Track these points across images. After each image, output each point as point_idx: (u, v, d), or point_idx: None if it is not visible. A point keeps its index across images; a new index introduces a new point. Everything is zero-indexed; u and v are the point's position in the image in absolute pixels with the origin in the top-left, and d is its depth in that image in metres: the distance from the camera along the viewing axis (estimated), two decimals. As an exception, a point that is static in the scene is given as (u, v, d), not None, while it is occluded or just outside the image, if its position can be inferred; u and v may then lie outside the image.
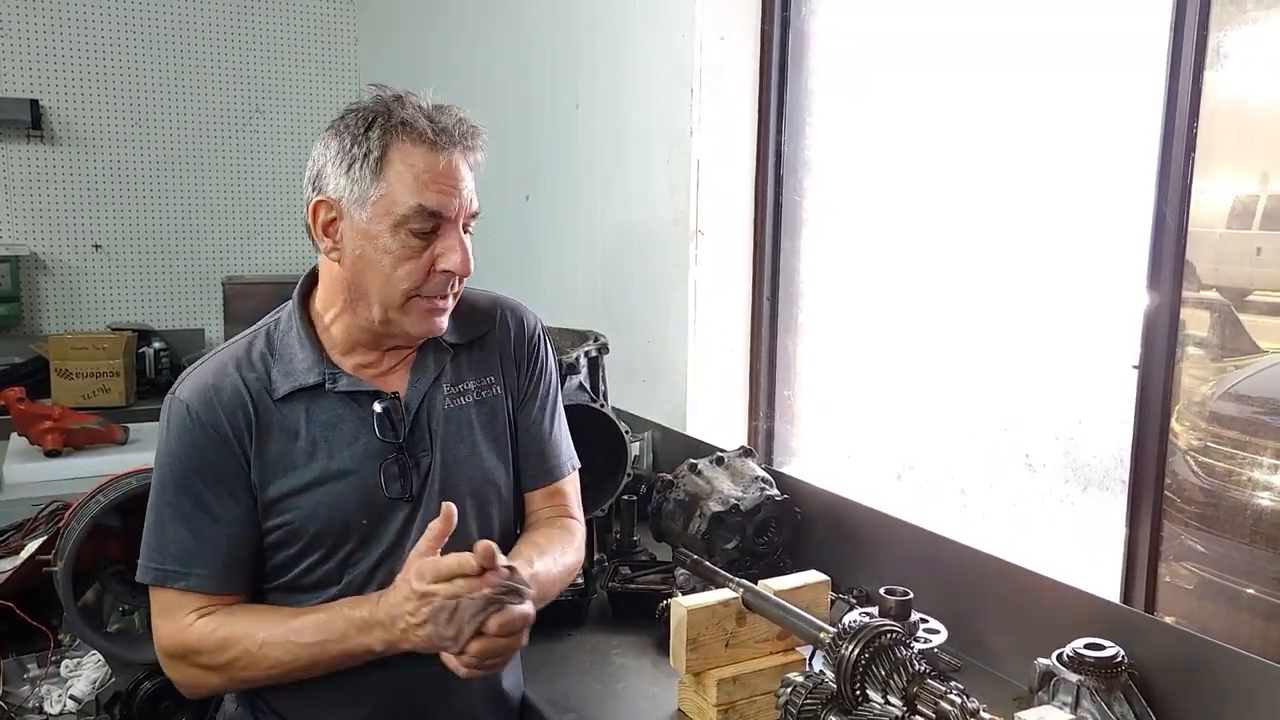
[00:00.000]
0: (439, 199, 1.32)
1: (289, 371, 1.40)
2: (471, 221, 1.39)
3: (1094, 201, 1.79)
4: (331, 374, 1.40)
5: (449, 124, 1.34)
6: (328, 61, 4.63)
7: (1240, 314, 1.58)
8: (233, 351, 1.42)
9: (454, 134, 1.34)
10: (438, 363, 1.47)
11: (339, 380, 1.40)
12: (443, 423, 1.45)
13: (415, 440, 1.42)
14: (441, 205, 1.33)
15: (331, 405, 1.40)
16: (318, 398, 1.40)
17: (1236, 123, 1.53)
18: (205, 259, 4.47)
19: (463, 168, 1.36)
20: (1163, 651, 1.42)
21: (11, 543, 1.94)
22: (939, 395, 2.11)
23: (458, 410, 1.47)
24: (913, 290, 2.18)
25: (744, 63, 2.50)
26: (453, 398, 1.47)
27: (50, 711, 1.72)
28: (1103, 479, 1.76)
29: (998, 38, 1.96)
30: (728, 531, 1.99)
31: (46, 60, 4.10)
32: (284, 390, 1.38)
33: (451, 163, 1.34)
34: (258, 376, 1.38)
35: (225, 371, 1.39)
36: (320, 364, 1.40)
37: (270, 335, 1.44)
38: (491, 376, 1.51)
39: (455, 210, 1.34)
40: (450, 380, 1.47)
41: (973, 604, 1.71)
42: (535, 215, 3.32)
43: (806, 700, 1.20)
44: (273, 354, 1.41)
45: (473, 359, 1.51)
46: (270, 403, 1.38)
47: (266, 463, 1.37)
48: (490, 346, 1.53)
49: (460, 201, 1.35)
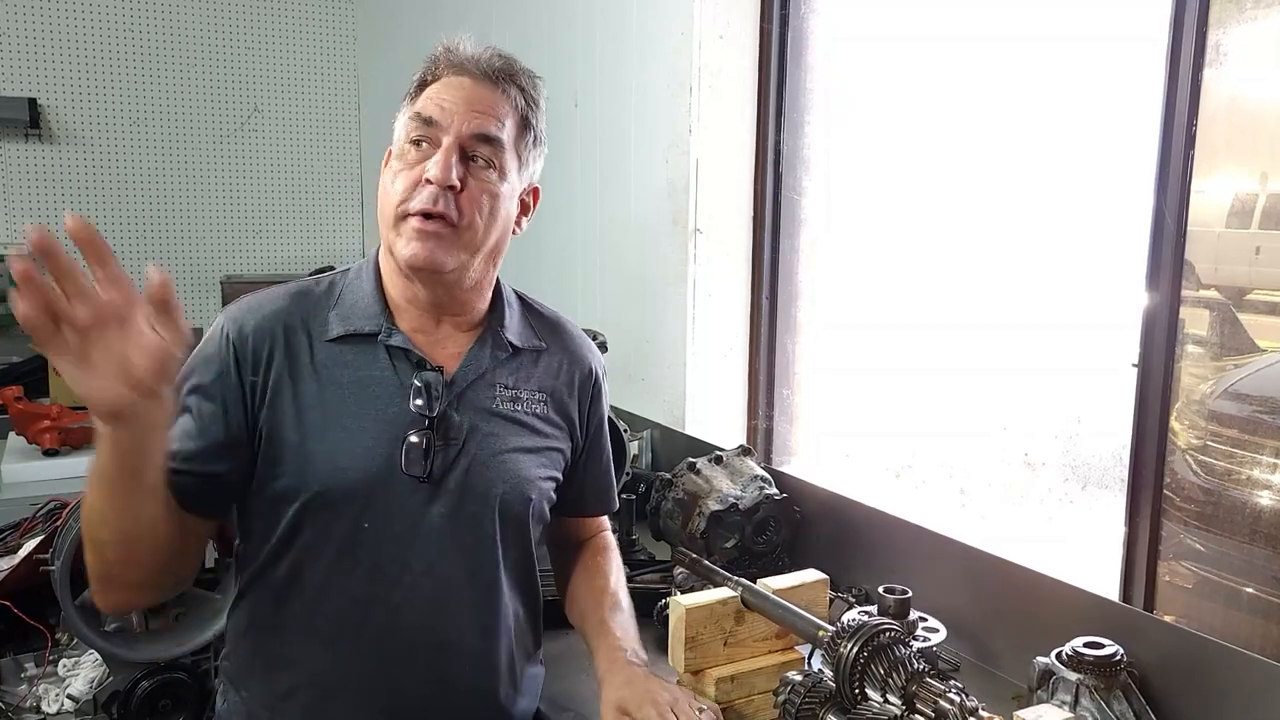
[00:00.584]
0: (436, 108, 1.32)
1: (346, 316, 1.37)
2: (482, 148, 1.33)
3: (1093, 199, 1.79)
4: (388, 328, 1.37)
5: (481, 55, 1.37)
6: (326, 61, 4.62)
7: (1239, 313, 1.58)
8: (297, 285, 1.42)
9: (479, 61, 1.36)
10: (495, 357, 1.43)
11: (393, 335, 1.37)
12: (485, 419, 1.40)
13: (447, 423, 1.37)
14: (436, 113, 1.32)
15: (376, 360, 1.36)
16: (366, 349, 1.36)
17: (1236, 121, 1.52)
18: (204, 258, 4.46)
19: (480, 91, 1.35)
20: (1162, 650, 1.42)
21: (9, 542, 1.94)
22: (938, 393, 2.11)
23: (507, 414, 1.43)
24: (912, 288, 2.18)
25: (743, 61, 2.49)
26: (504, 400, 1.43)
27: (48, 710, 1.72)
28: (1102, 477, 1.76)
29: (996, 36, 1.96)
30: (726, 530, 1.99)
31: (45, 59, 4.09)
32: (335, 333, 1.36)
33: (466, 82, 1.34)
34: (309, 314, 1.37)
35: (277, 301, 1.38)
36: (381, 316, 1.38)
37: (337, 282, 1.43)
38: (545, 393, 1.47)
39: (450, 121, 1.32)
40: (505, 381, 1.44)
41: (971, 602, 1.71)
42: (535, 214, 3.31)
43: (805, 699, 1.20)
44: (332, 299, 1.40)
45: (534, 371, 1.48)
46: (313, 343, 1.35)
47: (287, 401, 1.32)
48: (555, 367, 1.50)
49: (460, 116, 1.32)
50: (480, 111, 1.33)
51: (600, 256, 2.95)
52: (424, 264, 1.31)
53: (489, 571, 1.42)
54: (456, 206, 1.31)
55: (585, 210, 3.01)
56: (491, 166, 1.34)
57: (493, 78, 1.36)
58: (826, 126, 2.41)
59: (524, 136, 1.39)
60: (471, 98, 1.34)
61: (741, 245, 2.56)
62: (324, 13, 4.59)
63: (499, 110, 1.35)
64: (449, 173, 1.30)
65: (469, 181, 1.32)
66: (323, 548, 1.34)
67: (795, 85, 2.46)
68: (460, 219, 1.31)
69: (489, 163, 1.34)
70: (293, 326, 1.35)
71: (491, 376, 1.43)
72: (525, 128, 1.39)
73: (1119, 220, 1.70)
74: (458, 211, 1.31)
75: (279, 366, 1.33)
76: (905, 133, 2.18)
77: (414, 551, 1.36)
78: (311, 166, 4.52)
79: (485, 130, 1.33)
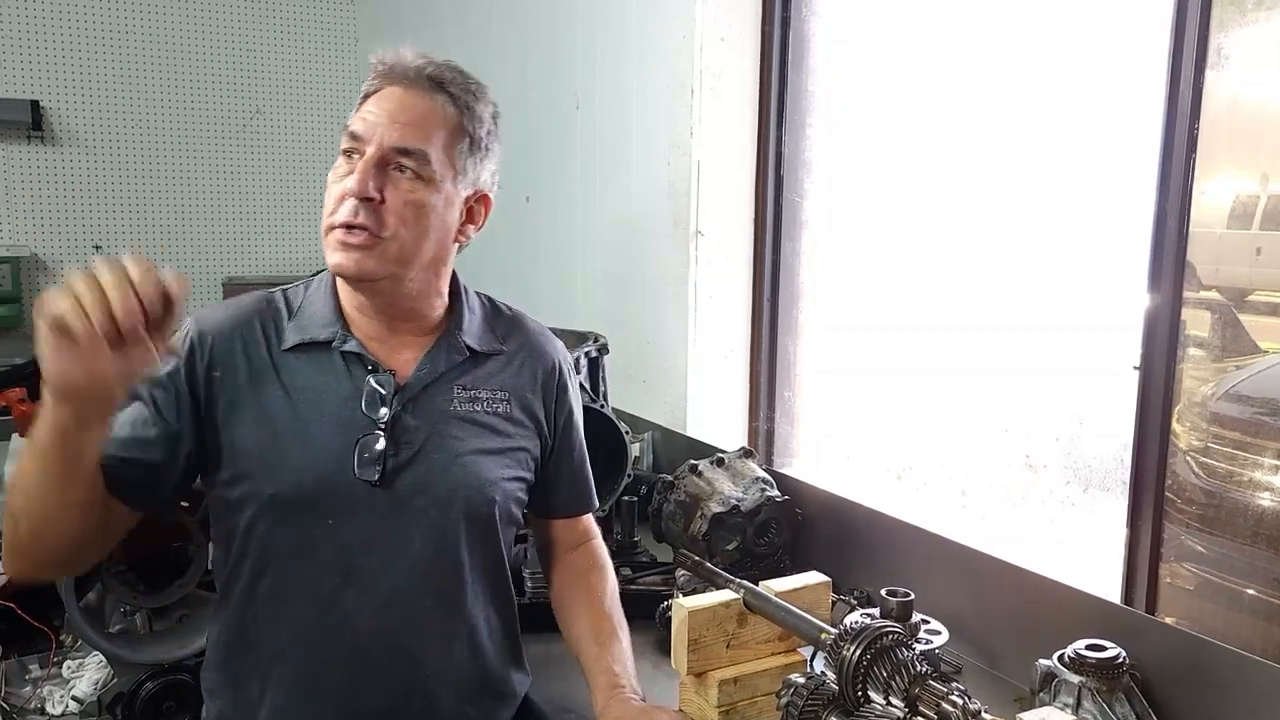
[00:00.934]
0: (362, 121, 1.33)
1: (303, 325, 1.40)
2: (405, 159, 1.32)
3: (1094, 202, 1.79)
4: (342, 335, 1.39)
5: (411, 61, 1.35)
6: (327, 62, 4.63)
7: (1240, 314, 1.58)
8: (264, 295, 1.44)
9: (409, 70, 1.34)
10: (449, 360, 1.43)
11: (348, 341, 1.38)
12: (439, 423, 1.41)
13: (402, 427, 1.38)
14: (361, 127, 1.32)
15: (331, 367, 1.38)
16: (321, 357, 1.38)
17: (1237, 123, 1.53)
18: (205, 260, 4.47)
19: (406, 101, 1.33)
20: (1164, 652, 1.42)
21: (13, 544, 1.93)
22: (939, 395, 2.11)
23: (466, 415, 1.43)
24: (913, 290, 2.18)
25: (744, 63, 2.50)
26: (462, 402, 1.43)
27: (52, 712, 1.72)
28: (1103, 480, 1.76)
29: (998, 39, 1.97)
30: (728, 532, 1.99)
31: (47, 61, 4.10)
32: (292, 341, 1.38)
33: (393, 93, 1.34)
34: (269, 324, 1.39)
35: (241, 309, 1.41)
36: (336, 323, 1.39)
37: (299, 292, 1.45)
38: (508, 393, 1.47)
39: (373, 134, 1.31)
40: (464, 384, 1.44)
41: (974, 605, 1.71)
42: (535, 216, 3.32)
43: (808, 701, 1.20)
44: (291, 309, 1.42)
45: (493, 370, 1.48)
46: (271, 351, 1.38)
47: (244, 406, 1.34)
48: (517, 366, 1.50)
49: (383, 128, 1.31)
50: (404, 123, 1.32)
51: (601, 258, 2.96)
52: (350, 274, 1.33)
53: (451, 578, 1.42)
54: (378, 218, 1.31)
55: (586, 212, 3.01)
56: (418, 177, 1.33)
57: (423, 86, 1.35)
58: (828, 129, 2.41)
59: (457, 144, 1.37)
60: (396, 109, 1.33)
61: (743, 247, 2.57)
62: (325, 14, 4.59)
63: (426, 120, 1.34)
64: (365, 186, 1.30)
65: (390, 193, 1.32)
66: (282, 552, 1.36)
67: (797, 87, 2.46)
68: (382, 229, 1.31)
69: (415, 174, 1.33)
70: (253, 334, 1.38)
71: (449, 379, 1.43)
72: (459, 136, 1.37)
73: (1120, 222, 1.70)
74: (379, 223, 1.31)
75: (237, 372, 1.36)
76: (907, 135, 2.18)
77: (370, 556, 1.36)
78: (313, 168, 4.52)
79: (405, 143, 1.32)
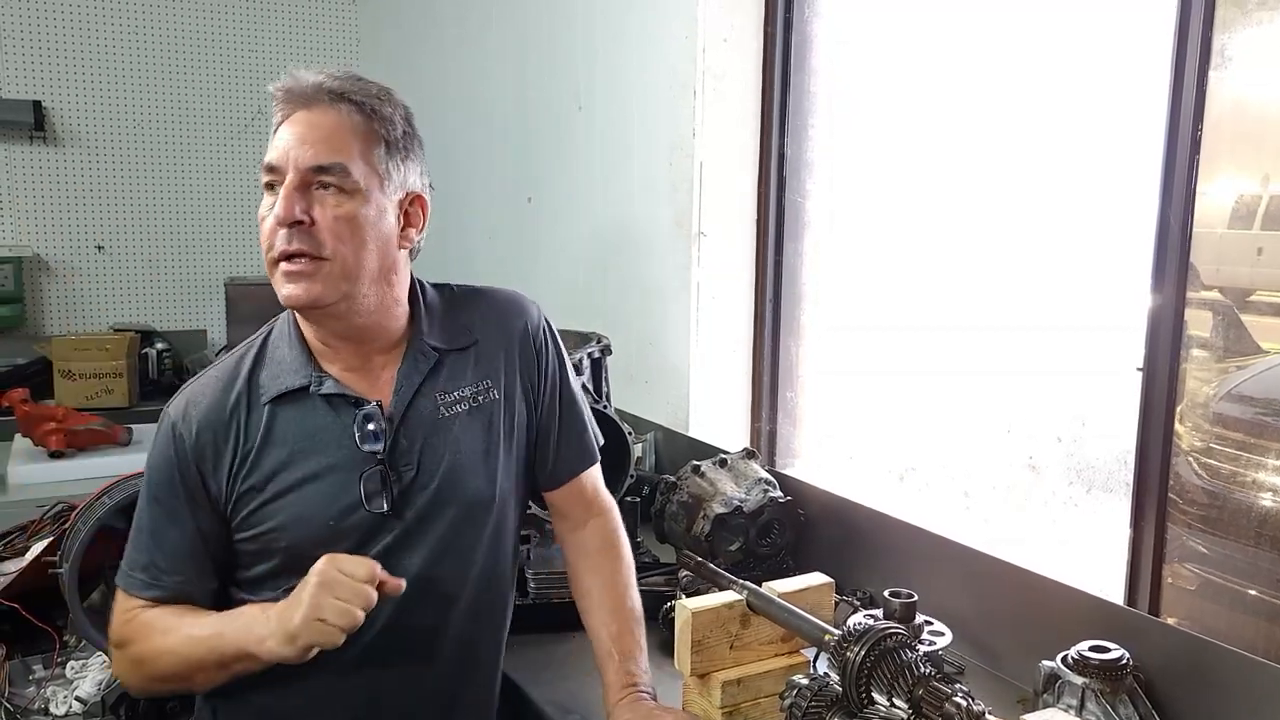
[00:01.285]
0: (273, 151, 1.31)
1: (276, 375, 1.39)
2: (324, 176, 1.30)
3: (1097, 202, 1.79)
4: (317, 377, 1.38)
5: (309, 79, 1.33)
6: (329, 63, 4.53)
7: (1242, 314, 1.58)
8: (224, 366, 1.43)
9: (307, 89, 1.32)
10: (421, 369, 1.42)
11: (324, 383, 1.38)
12: (431, 434, 1.41)
13: (398, 451, 1.39)
14: (275, 157, 1.31)
15: (315, 411, 1.38)
16: (303, 402, 1.38)
17: (1240, 124, 1.53)
18: (208, 260, 4.47)
19: (312, 119, 1.31)
20: (1168, 654, 1.42)
21: (17, 544, 1.94)
22: (941, 396, 2.11)
23: (451, 419, 1.43)
24: (916, 290, 2.18)
25: (747, 64, 2.50)
26: (446, 406, 1.43)
27: (56, 713, 1.72)
28: (1106, 481, 1.76)
29: (1001, 39, 1.97)
30: (731, 533, 1.99)
31: (49, 62, 4.10)
32: (270, 394, 1.38)
33: (299, 116, 1.32)
34: (243, 389, 1.39)
35: (212, 388, 1.40)
36: (307, 367, 1.39)
37: (265, 342, 1.44)
38: (489, 380, 1.47)
39: (287, 160, 1.30)
40: (443, 387, 1.43)
41: (977, 606, 1.71)
42: (537, 217, 3.32)
43: (811, 702, 1.20)
44: (262, 362, 1.41)
45: (468, 362, 1.47)
46: (254, 411, 1.38)
47: (245, 473, 1.36)
48: (489, 348, 1.48)
49: (295, 152, 1.29)
50: (311, 142, 1.30)
51: (603, 259, 2.96)
52: (303, 303, 1.32)
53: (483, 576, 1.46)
54: (314, 240, 1.30)
55: (588, 212, 3.01)
56: (342, 191, 1.31)
57: (324, 101, 1.32)
58: (830, 129, 2.41)
59: (374, 150, 1.34)
60: (303, 131, 1.30)
61: (745, 248, 2.57)
62: (326, 15, 4.59)
63: (335, 134, 1.31)
64: (290, 210, 1.28)
65: (318, 213, 1.30)
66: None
67: (799, 88, 2.46)
68: (321, 250, 1.30)
69: (338, 188, 1.31)
70: (235, 407, 1.38)
71: (428, 389, 1.43)
72: (373, 142, 1.34)
73: (1122, 222, 1.70)
74: (316, 244, 1.30)
75: (234, 447, 1.37)
76: (909, 136, 2.18)
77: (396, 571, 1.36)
78: (315, 168, 4.51)
79: (318, 161, 1.30)
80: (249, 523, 1.37)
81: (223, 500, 1.37)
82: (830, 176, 2.42)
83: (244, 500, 1.36)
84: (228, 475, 1.36)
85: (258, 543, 1.37)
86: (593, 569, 1.55)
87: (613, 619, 1.49)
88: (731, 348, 2.59)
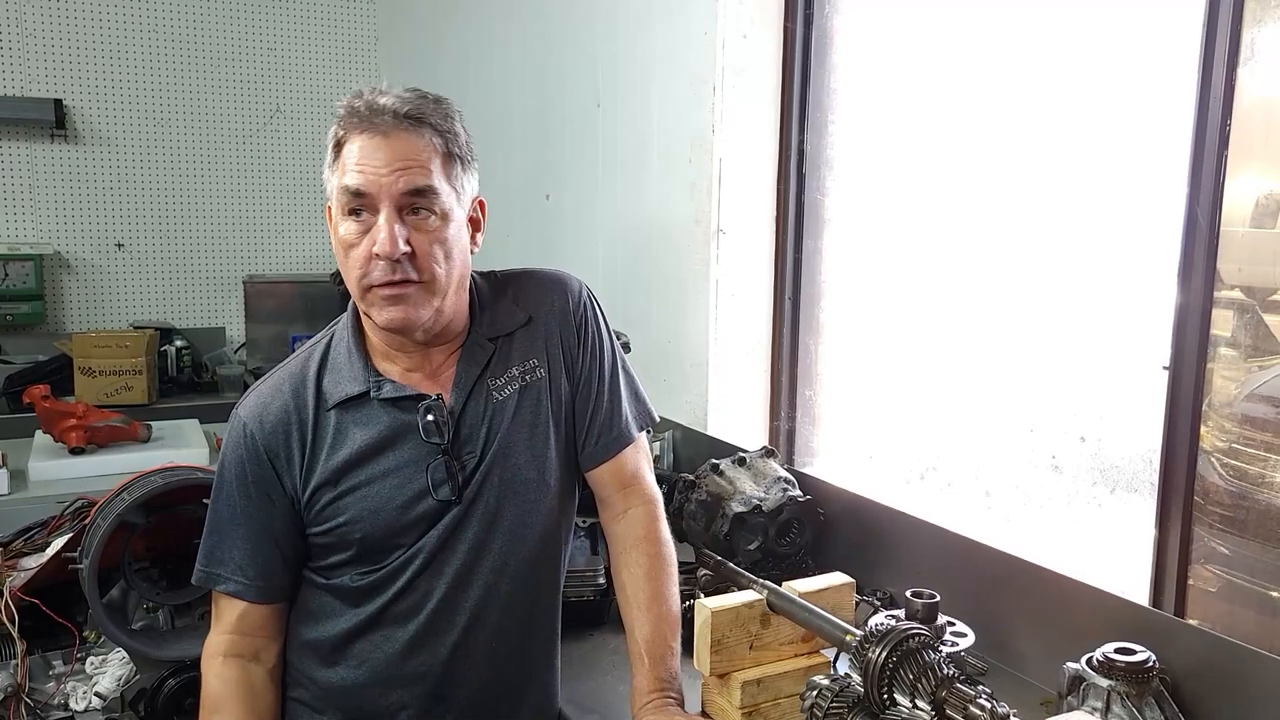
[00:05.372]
0: (359, 177, 1.31)
1: (337, 381, 1.43)
2: (418, 200, 1.33)
3: (1123, 199, 1.77)
4: (376, 381, 1.42)
5: (386, 104, 1.33)
6: (348, 61, 4.64)
7: (1265, 314, 1.56)
8: (290, 370, 1.47)
9: (387, 111, 1.32)
10: (479, 360, 1.46)
11: (383, 387, 1.42)
12: (487, 417, 1.44)
13: (461, 441, 1.43)
14: (362, 183, 1.31)
15: (378, 413, 1.42)
16: (365, 405, 1.42)
17: (1271, 120, 1.50)
18: (226, 257, 4.49)
19: (397, 145, 1.32)
20: (1194, 656, 1.40)
21: (37, 539, 1.95)
22: (963, 395, 2.09)
23: (504, 402, 1.46)
24: (937, 289, 2.16)
25: (767, 61, 2.48)
26: (499, 390, 1.46)
27: (75, 708, 1.73)
28: (1131, 481, 1.74)
29: (1024, 33, 1.94)
30: (750, 532, 1.98)
31: (70, 60, 4.13)
32: (334, 400, 1.42)
33: (381, 142, 1.31)
34: (310, 392, 1.43)
35: (280, 390, 1.44)
36: (365, 372, 1.43)
37: (328, 345, 1.48)
38: (535, 359, 1.49)
39: (379, 188, 1.30)
40: (495, 373, 1.46)
41: (1000, 607, 1.69)
42: (556, 214, 3.32)
43: (832, 703, 1.18)
44: (325, 366, 1.45)
45: (516, 344, 1.49)
46: (321, 415, 1.42)
47: (316, 472, 1.41)
48: (536, 328, 1.51)
49: (387, 180, 1.30)
50: (403, 167, 1.31)
51: (622, 256, 2.95)
52: (402, 326, 1.36)
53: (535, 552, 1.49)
54: (415, 267, 1.33)
55: (607, 210, 3.00)
56: (433, 213, 1.34)
57: (405, 126, 1.33)
58: (851, 126, 2.39)
59: (451, 168, 1.37)
60: (391, 156, 1.31)
61: (764, 245, 2.56)
62: (345, 13, 4.61)
63: (421, 157, 1.33)
64: (395, 246, 1.31)
65: (416, 239, 1.33)
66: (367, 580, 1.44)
67: (819, 85, 2.45)
68: (421, 275, 1.34)
69: (430, 210, 1.34)
70: (304, 409, 1.42)
71: (485, 377, 1.46)
72: (450, 160, 1.37)
73: (1149, 220, 1.68)
74: (418, 270, 1.33)
75: (303, 448, 1.42)
76: (931, 132, 2.16)
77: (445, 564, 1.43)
78: (333, 166, 4.52)
79: (414, 185, 1.32)
80: (322, 517, 1.42)
81: (297, 498, 1.42)
82: (851, 173, 2.40)
83: (316, 497, 1.41)
84: (300, 473, 1.41)
85: (331, 535, 1.42)
86: (629, 563, 1.53)
87: (645, 617, 1.47)
88: (750, 345, 2.58)
